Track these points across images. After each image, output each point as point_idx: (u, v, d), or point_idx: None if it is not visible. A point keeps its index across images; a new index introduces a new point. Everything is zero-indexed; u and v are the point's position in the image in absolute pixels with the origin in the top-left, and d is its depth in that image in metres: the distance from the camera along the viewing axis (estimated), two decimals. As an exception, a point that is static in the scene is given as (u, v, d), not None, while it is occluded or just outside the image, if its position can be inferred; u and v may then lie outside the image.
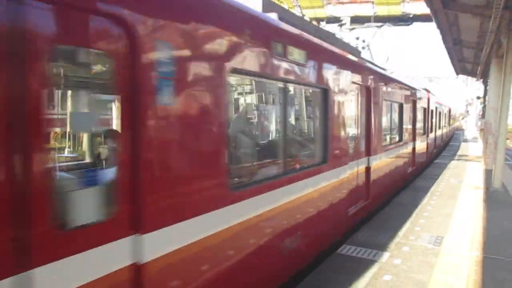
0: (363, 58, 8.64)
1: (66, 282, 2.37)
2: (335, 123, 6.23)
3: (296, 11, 20.69)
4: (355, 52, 8.18)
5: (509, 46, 11.32)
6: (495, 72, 15.43)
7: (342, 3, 20.15)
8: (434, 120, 19.59)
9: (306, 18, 20.78)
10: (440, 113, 23.06)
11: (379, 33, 15.58)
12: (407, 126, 12.39)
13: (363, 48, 23.51)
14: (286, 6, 20.42)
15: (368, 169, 8.15)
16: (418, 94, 14.33)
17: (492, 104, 15.64)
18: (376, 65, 9.62)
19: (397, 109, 11.42)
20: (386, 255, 5.90)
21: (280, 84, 5.00)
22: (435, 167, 17.22)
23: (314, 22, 20.98)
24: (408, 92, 12.60)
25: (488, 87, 20.22)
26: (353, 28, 16.93)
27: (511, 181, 13.83)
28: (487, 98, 20.54)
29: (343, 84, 6.60)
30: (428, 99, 17.05)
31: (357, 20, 20.41)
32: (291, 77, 4.88)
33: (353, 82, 7.18)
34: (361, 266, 5.47)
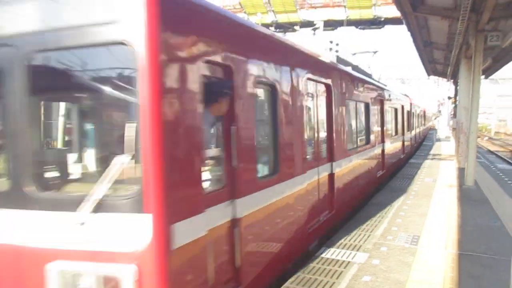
0: (320, 54, 7.70)
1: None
2: (285, 126, 5.27)
3: (270, 16, 20.83)
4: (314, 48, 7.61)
5: (477, 47, 11.65)
6: (464, 72, 15.86)
7: (315, 7, 20.37)
8: (407, 120, 19.62)
9: (280, 22, 20.94)
10: (413, 113, 23.30)
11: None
12: (375, 127, 11.32)
13: (336, 51, 23.76)
14: (260, 13, 20.54)
15: (331, 176, 7.24)
16: (387, 94, 13.51)
17: (463, 103, 16.06)
18: (337, 63, 8.75)
19: (364, 109, 10.53)
20: (365, 256, 5.94)
21: None
22: (410, 167, 17.53)
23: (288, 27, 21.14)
24: (375, 91, 11.65)
25: (458, 87, 20.75)
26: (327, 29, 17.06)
27: (483, 178, 14.20)
28: (458, 98, 21.04)
29: (296, 81, 5.69)
30: (400, 99, 16.93)
31: (330, 24, 20.69)
32: None
33: (309, 79, 6.31)
34: (341, 267, 5.49)
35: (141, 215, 2.96)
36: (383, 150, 12.46)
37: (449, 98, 41.72)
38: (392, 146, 14.17)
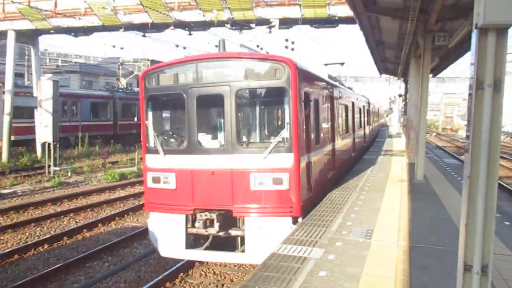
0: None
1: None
2: (320, 122, 9.75)
3: (226, 13, 20.69)
4: None
5: (425, 47, 12.10)
6: (414, 71, 16.44)
7: (271, 5, 20.43)
8: (360, 118, 20.32)
9: (236, 20, 20.84)
10: (368, 111, 24.26)
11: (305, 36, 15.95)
12: (325, 125, 10.65)
13: (292, 49, 23.92)
14: (215, 10, 20.35)
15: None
16: (337, 91, 12.87)
17: (413, 101, 16.64)
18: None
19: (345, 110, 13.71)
20: (320, 251, 6.03)
21: None
22: (364, 163, 18.00)
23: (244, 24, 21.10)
24: (325, 89, 10.93)
25: (408, 86, 21.51)
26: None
27: (431, 173, 14.81)
28: (408, 96, 21.81)
29: (327, 97, 10.99)
30: (351, 96, 17.03)
31: (286, 22, 20.83)
32: None
33: (332, 96, 10.56)
34: (298, 264, 5.55)
35: (289, 154, 7.27)
36: (333, 150, 12.35)
37: (400, 96, 43.23)
38: (344, 145, 14.56)
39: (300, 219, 7.58)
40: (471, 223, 3.49)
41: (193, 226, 7.39)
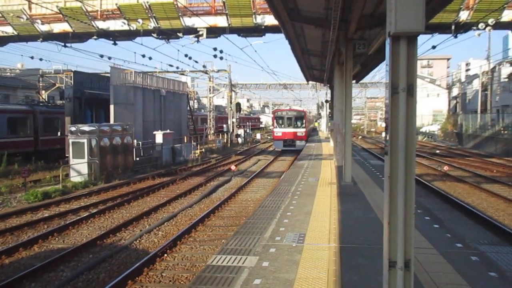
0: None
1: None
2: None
3: (152, 23, 20.30)
4: None
5: (347, 54, 12.65)
6: (338, 77, 17.15)
7: (197, 14, 20.36)
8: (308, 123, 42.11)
9: (163, 29, 20.51)
10: (308, 119, 42.96)
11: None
12: (310, 126, 44.22)
13: (221, 58, 23.97)
14: (140, 20, 19.89)
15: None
16: (309, 115, 34.92)
17: (338, 106, 17.33)
18: None
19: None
20: (255, 259, 6.03)
21: None
22: (295, 167, 18.41)
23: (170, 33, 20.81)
24: (310, 116, 42.20)
25: (334, 92, 22.37)
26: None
27: (358, 174, 15.47)
28: (334, 101, 22.65)
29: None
30: (311, 115, 39.35)
31: (213, 31, 20.86)
32: None
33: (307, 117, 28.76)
34: (232, 274, 5.50)
35: (304, 129, 34.32)
36: None
37: (327, 101, 45.02)
38: None
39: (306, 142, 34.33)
40: (393, 221, 3.66)
41: (284, 143, 32.89)
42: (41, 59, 33.82)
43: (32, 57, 41.95)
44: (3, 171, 21.14)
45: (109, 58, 25.54)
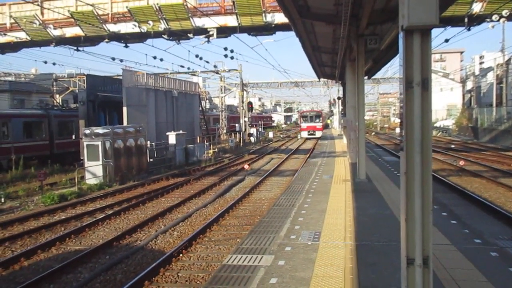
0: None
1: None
2: None
3: (162, 24, 20.39)
4: None
5: (359, 50, 12.54)
6: (350, 74, 17.02)
7: (207, 15, 20.39)
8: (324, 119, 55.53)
9: (173, 30, 20.59)
10: (323, 117, 57.22)
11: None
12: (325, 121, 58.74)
13: (232, 58, 23.96)
14: (151, 21, 19.99)
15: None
16: (324, 113, 38.87)
17: (351, 103, 17.20)
18: None
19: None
20: (270, 258, 6.02)
21: None
22: (309, 165, 18.34)
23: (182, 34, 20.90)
24: (324, 114, 52.57)
25: (346, 88, 22.22)
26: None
27: (373, 171, 15.34)
28: (346, 98, 22.50)
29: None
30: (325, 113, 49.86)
31: (223, 30, 20.87)
32: None
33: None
34: (248, 273, 5.50)
35: (321, 123, 50.66)
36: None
37: (339, 98, 44.82)
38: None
39: (322, 132, 50.05)
40: (410, 218, 3.60)
41: (308, 133, 48.50)
42: (54, 64, 34.28)
43: (45, 62, 42.57)
44: (20, 175, 21.46)
45: (121, 60, 25.68)
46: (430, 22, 3.50)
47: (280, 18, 19.54)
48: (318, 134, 48.17)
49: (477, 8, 17.98)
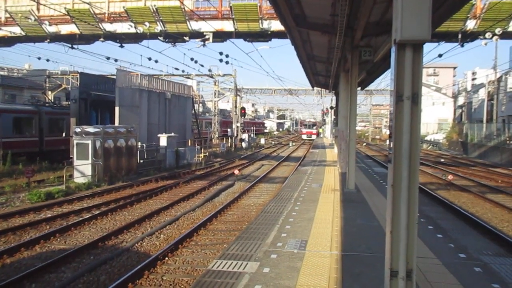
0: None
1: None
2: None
3: (159, 26, 20.38)
4: None
5: (353, 61, 12.64)
6: (343, 84, 17.11)
7: (204, 19, 20.42)
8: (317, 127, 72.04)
9: (169, 32, 20.58)
10: (316, 126, 73.77)
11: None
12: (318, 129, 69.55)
13: (226, 62, 24.09)
14: (147, 23, 19.97)
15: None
16: (318, 123, 40.68)
17: (343, 113, 17.26)
18: None
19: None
20: (255, 265, 6.00)
21: None
22: (299, 173, 18.36)
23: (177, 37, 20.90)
24: (317, 123, 60.85)
25: (338, 98, 22.33)
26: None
27: (362, 182, 15.40)
28: (338, 108, 22.59)
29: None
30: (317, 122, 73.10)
31: (219, 35, 20.90)
32: None
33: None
34: (232, 279, 5.47)
35: (315, 130, 74.30)
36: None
37: (332, 108, 45.02)
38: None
39: (316, 137, 71.08)
40: (395, 230, 3.62)
41: (306, 136, 67.88)
42: (48, 60, 34.03)
43: (39, 58, 42.34)
44: (7, 171, 21.23)
45: (116, 60, 25.61)
46: (422, 37, 3.54)
47: (276, 25, 19.62)
48: (313, 137, 67.96)
49: (471, 25, 18.23)
